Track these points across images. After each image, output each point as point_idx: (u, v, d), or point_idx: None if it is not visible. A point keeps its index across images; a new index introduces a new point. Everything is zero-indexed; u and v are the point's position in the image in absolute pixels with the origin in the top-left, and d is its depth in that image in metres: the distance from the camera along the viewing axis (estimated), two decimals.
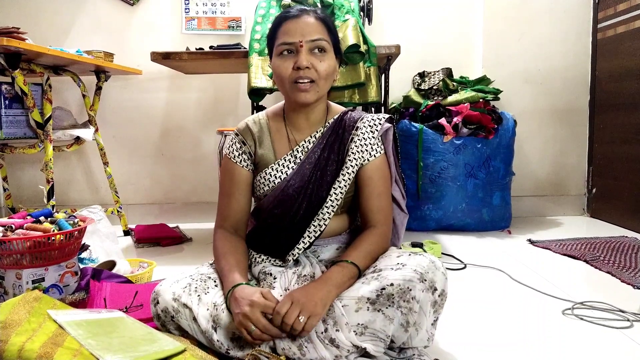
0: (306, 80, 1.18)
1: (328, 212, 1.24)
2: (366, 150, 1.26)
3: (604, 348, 1.28)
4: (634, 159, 2.60)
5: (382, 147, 1.29)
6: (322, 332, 1.06)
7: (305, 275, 1.21)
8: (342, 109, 1.35)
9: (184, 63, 2.38)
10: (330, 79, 1.24)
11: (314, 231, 1.24)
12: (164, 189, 3.10)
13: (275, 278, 1.20)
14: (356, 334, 1.06)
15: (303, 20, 1.21)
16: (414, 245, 2.18)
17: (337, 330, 1.06)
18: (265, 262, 1.28)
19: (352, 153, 1.25)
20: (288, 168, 1.27)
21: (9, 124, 2.23)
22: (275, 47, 1.23)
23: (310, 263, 1.26)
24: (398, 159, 1.35)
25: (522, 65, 2.97)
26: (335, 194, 1.24)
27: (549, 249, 2.24)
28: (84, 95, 2.59)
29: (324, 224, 1.24)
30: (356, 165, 1.25)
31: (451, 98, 2.67)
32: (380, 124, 1.28)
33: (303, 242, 1.25)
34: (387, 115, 1.31)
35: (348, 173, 1.25)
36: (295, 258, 1.26)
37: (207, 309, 1.10)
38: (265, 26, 2.30)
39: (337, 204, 1.25)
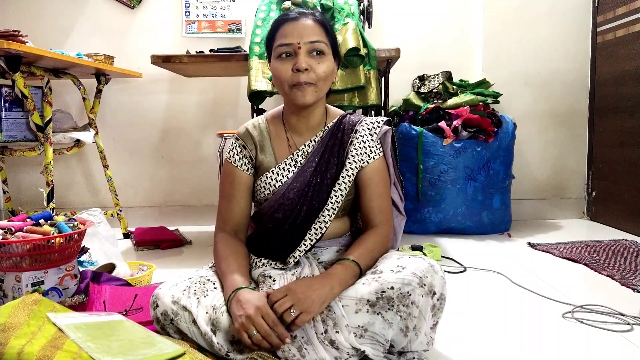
0: (305, 82, 1.19)
1: (329, 215, 1.25)
2: (365, 153, 1.27)
3: (604, 351, 1.28)
4: (633, 162, 2.60)
5: (381, 149, 1.30)
6: (322, 333, 1.07)
7: (304, 277, 1.21)
8: (340, 112, 1.36)
9: (184, 66, 2.38)
10: (329, 81, 1.25)
11: (315, 234, 1.25)
12: (163, 191, 3.10)
13: (274, 280, 1.20)
14: (356, 336, 1.06)
15: (301, 22, 1.22)
16: (413, 248, 2.18)
17: (337, 332, 1.06)
18: (265, 265, 1.27)
19: (352, 156, 1.26)
20: (289, 172, 1.28)
21: (9, 127, 2.23)
22: (274, 50, 1.24)
23: (309, 264, 1.26)
24: (396, 162, 1.35)
25: (521, 68, 2.97)
26: (335, 196, 1.25)
27: (549, 252, 2.24)
28: (84, 98, 2.59)
29: (325, 227, 1.25)
30: (356, 167, 1.26)
31: (451, 101, 2.67)
32: (379, 126, 1.30)
33: (304, 244, 1.25)
34: (385, 118, 1.33)
35: (348, 176, 1.25)
36: (295, 260, 1.26)
37: (207, 312, 1.11)
38: (265, 29, 2.30)
39: (337, 207, 1.25)
